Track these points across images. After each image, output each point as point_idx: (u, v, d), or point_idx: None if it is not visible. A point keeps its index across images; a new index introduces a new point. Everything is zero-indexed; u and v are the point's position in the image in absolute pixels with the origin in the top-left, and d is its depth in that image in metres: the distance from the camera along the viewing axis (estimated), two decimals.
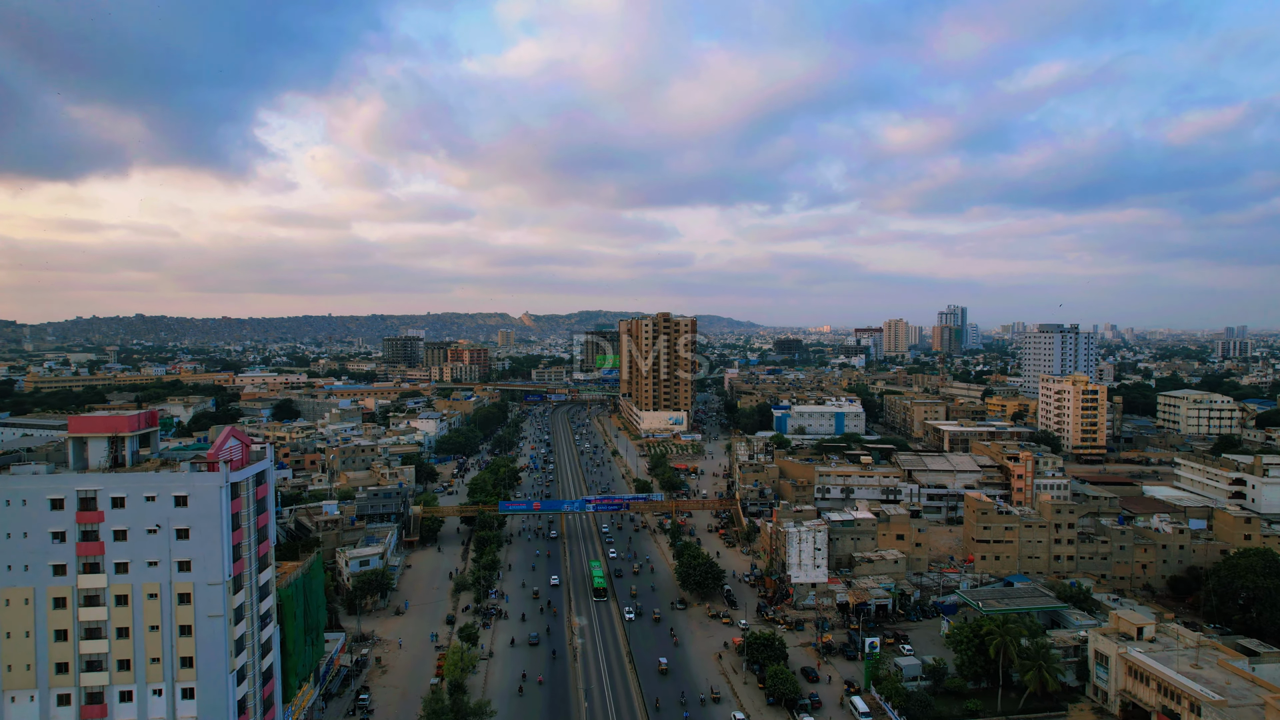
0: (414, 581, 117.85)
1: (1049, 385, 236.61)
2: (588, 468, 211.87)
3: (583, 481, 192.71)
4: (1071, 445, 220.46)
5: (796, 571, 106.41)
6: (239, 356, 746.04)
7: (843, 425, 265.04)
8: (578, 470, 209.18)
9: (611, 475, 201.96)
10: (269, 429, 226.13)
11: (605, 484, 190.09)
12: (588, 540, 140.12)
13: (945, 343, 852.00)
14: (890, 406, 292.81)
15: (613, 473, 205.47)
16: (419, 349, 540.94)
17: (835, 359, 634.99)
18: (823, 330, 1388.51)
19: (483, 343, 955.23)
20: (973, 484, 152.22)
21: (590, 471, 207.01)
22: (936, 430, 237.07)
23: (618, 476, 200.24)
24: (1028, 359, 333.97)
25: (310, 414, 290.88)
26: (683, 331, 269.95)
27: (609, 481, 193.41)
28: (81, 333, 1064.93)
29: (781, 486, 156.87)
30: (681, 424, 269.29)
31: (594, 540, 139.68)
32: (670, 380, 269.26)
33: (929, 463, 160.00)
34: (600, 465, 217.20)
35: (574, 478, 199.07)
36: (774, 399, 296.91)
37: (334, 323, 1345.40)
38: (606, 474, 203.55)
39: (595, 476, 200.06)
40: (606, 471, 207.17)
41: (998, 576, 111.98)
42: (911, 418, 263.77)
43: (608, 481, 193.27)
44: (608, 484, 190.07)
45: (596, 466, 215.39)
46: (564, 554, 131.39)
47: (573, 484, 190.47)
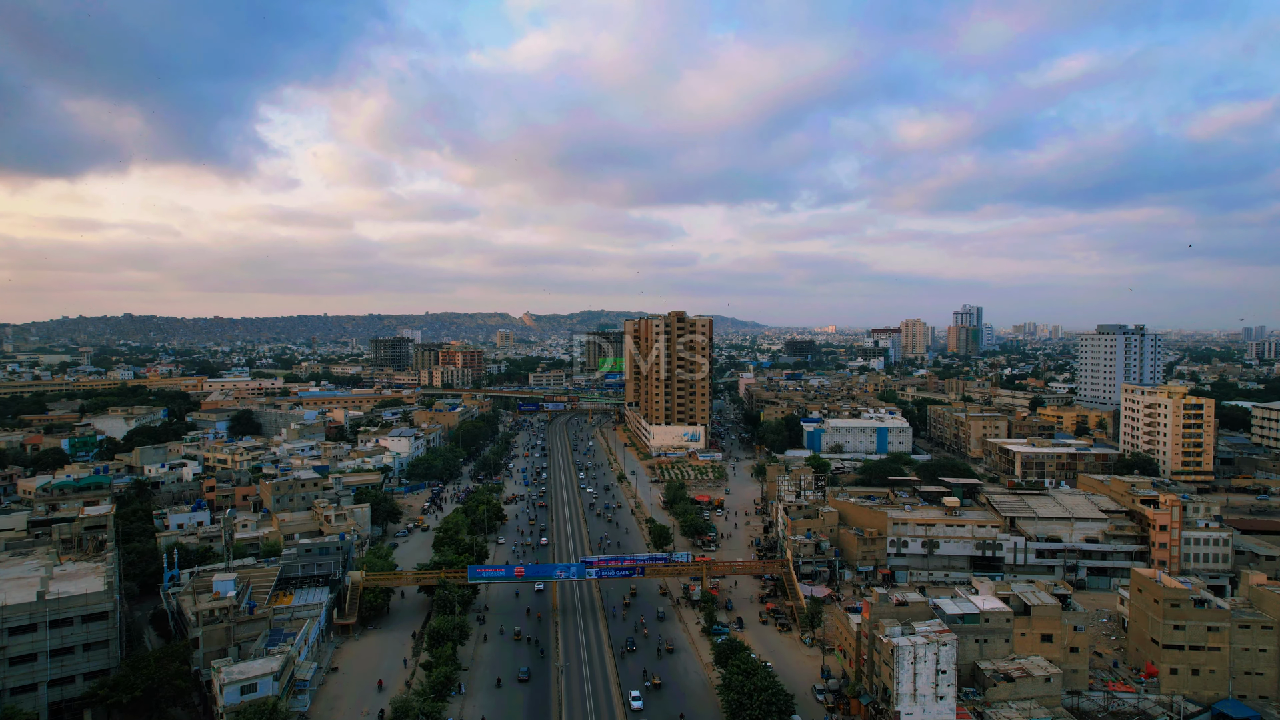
0: (336, 698, 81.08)
1: (1135, 397, 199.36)
2: (590, 502, 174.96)
3: (582, 520, 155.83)
4: (1170, 469, 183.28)
5: (909, 704, 69.53)
6: (224, 358, 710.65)
7: (885, 442, 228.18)
8: (576, 503, 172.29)
9: (618, 508, 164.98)
10: (211, 449, 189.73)
11: (611, 523, 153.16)
12: (589, 616, 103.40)
13: (962, 344, 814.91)
14: (937, 420, 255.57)
15: (619, 507, 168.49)
16: (409, 351, 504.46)
17: (853, 361, 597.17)
18: (828, 330, 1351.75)
19: (481, 343, 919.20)
20: (1096, 535, 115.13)
21: (592, 503, 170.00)
22: (1002, 451, 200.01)
23: (625, 512, 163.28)
24: (1085, 364, 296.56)
25: (272, 427, 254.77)
26: (698, 333, 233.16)
27: (615, 520, 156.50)
28: (67, 333, 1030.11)
29: (843, 538, 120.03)
30: (698, 440, 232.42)
31: (597, 618, 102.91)
32: (684, 389, 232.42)
33: (1034, 506, 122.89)
34: (605, 493, 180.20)
35: (572, 514, 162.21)
36: (802, 410, 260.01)
37: (329, 323, 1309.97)
38: (612, 506, 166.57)
39: (599, 508, 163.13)
40: (611, 501, 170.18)
41: (1199, 701, 75.10)
42: (967, 434, 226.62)
43: (614, 522, 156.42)
44: (614, 525, 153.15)
45: (601, 492, 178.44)
46: (555, 642, 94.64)
47: (570, 524, 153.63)
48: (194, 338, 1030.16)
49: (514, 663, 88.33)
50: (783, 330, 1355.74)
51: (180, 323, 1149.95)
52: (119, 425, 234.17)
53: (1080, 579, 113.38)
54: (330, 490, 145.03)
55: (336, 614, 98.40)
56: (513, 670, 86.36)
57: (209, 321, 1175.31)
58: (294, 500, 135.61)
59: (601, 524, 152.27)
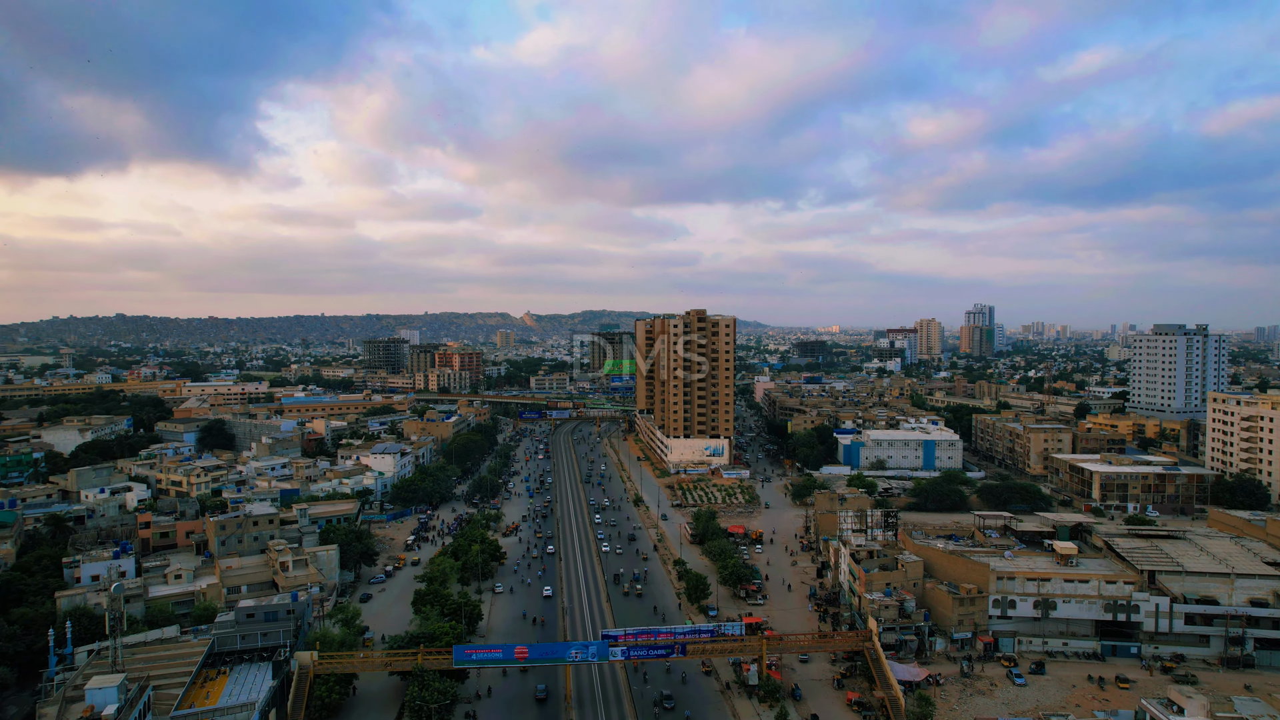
0: None
1: (1228, 407, 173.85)
2: (603, 533, 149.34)
3: (596, 561, 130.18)
4: (1279, 493, 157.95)
5: None
6: (214, 359, 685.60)
7: (933, 457, 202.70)
8: (587, 535, 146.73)
9: (636, 540, 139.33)
10: (165, 468, 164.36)
11: (631, 563, 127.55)
12: (613, 710, 78.07)
13: (976, 344, 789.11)
14: (985, 430, 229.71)
15: (638, 539, 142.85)
16: (404, 352, 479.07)
17: (869, 363, 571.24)
18: (832, 330, 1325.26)
19: (481, 344, 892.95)
20: (1265, 597, 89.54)
21: (605, 534, 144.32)
22: (1074, 470, 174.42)
23: (646, 544, 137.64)
24: (1139, 367, 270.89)
25: (245, 438, 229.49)
26: (721, 334, 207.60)
27: (636, 559, 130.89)
28: (57, 333, 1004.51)
29: (932, 596, 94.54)
30: (721, 454, 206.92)
31: (623, 710, 77.59)
32: (706, 397, 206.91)
33: (1175, 554, 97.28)
34: (620, 524, 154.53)
35: (583, 551, 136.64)
36: (833, 419, 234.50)
37: (326, 323, 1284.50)
38: (629, 537, 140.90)
39: (615, 545, 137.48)
40: (626, 527, 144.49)
41: None
42: (1026, 447, 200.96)
43: (635, 562, 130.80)
44: (634, 564, 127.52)
45: (617, 523, 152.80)
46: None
47: (582, 566, 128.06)
48: (187, 338, 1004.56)
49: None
50: (786, 330, 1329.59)
51: (174, 323, 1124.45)
52: (72, 437, 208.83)
53: (1247, 654, 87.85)
54: (292, 526, 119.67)
55: (276, 717, 73.02)
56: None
57: (203, 322, 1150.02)
58: (244, 541, 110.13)
59: (620, 563, 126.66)
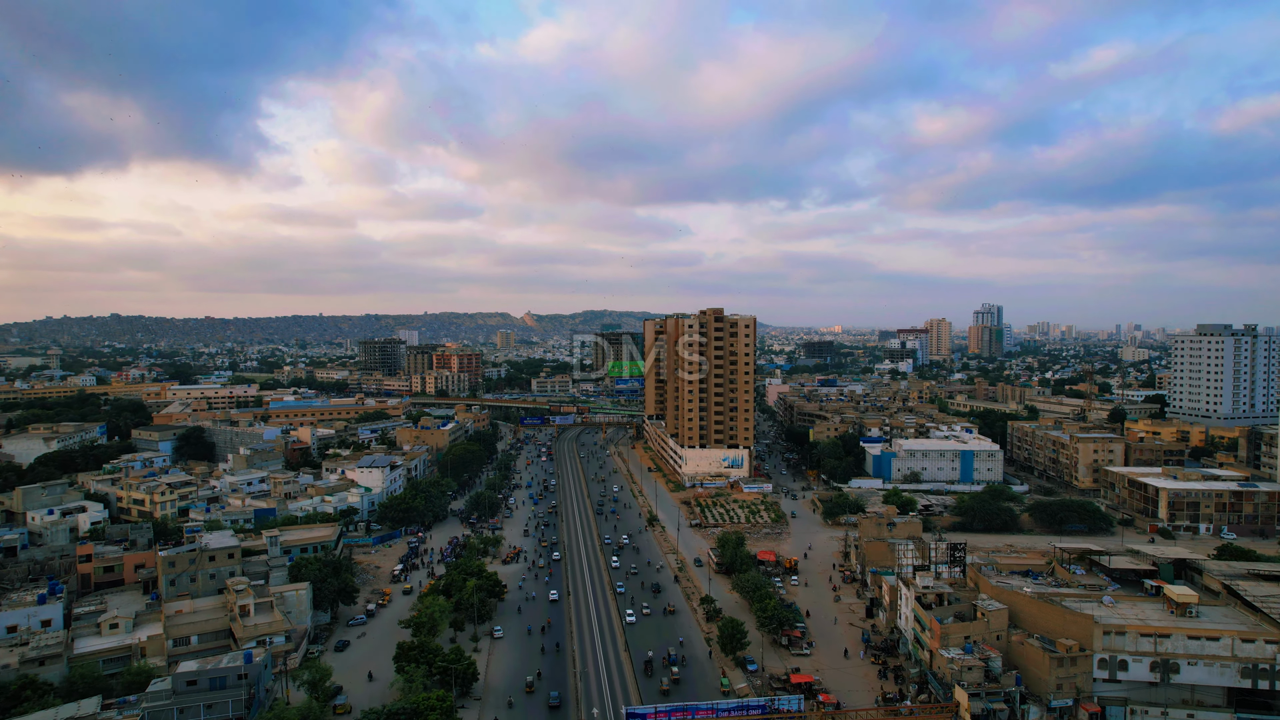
0: None
1: None
2: (615, 560, 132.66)
3: (610, 598, 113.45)
4: None
5: None
6: (208, 360, 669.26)
7: (972, 469, 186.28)
8: (598, 563, 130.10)
9: (655, 570, 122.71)
10: (129, 484, 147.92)
11: (650, 600, 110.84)
12: None
13: (986, 344, 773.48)
14: (1023, 439, 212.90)
15: (657, 568, 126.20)
16: (400, 353, 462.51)
17: (881, 364, 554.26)
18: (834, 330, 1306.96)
19: (482, 344, 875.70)
20: None
21: (617, 563, 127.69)
22: (1134, 485, 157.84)
23: (666, 576, 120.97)
24: (1180, 371, 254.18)
25: (226, 447, 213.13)
26: (741, 335, 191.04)
27: (656, 595, 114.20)
28: (51, 333, 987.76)
29: (1022, 653, 77.99)
30: (741, 466, 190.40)
31: None
32: (723, 404, 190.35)
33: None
34: (635, 551, 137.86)
35: (594, 585, 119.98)
36: (857, 426, 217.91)
37: (325, 323, 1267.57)
38: (643, 565, 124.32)
39: (632, 580, 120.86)
40: (642, 547, 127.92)
41: None
42: (1072, 458, 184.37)
43: (654, 600, 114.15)
44: (653, 600, 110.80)
45: (630, 548, 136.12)
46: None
47: (594, 605, 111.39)
48: (182, 339, 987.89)
49: None
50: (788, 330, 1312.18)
51: (169, 323, 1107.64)
52: (36, 447, 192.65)
53: None
54: (259, 558, 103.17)
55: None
56: None
57: (199, 322, 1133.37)
58: (199, 580, 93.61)
59: (637, 599, 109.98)
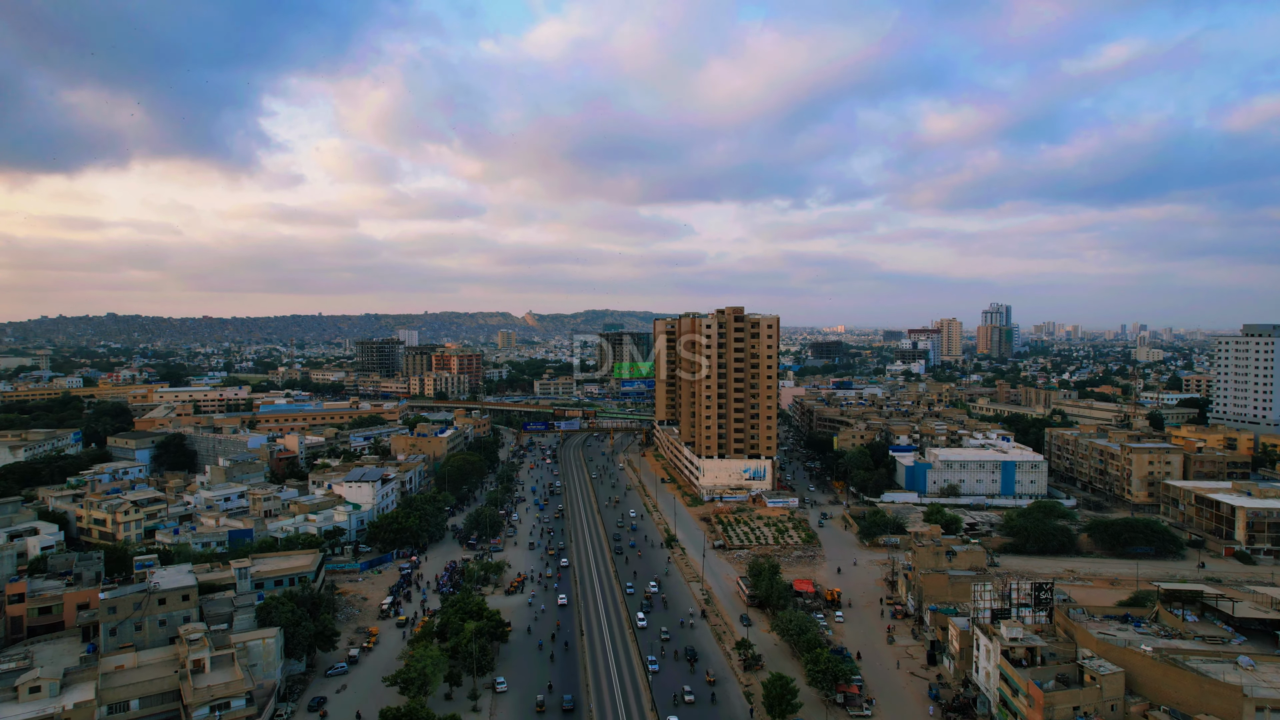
0: None
1: None
2: (631, 589, 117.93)
3: (630, 639, 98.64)
4: None
5: None
6: (203, 360, 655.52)
7: (1013, 481, 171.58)
8: (612, 593, 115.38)
9: (678, 609, 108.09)
10: (89, 502, 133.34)
11: (672, 641, 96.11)
12: None
13: (995, 344, 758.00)
14: (1064, 448, 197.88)
15: (685, 612, 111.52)
16: (398, 354, 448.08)
17: (893, 364, 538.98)
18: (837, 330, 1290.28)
19: (482, 344, 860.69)
20: None
21: (631, 591, 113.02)
22: (1204, 503, 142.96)
23: (691, 607, 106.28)
24: (1224, 373, 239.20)
25: (208, 455, 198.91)
26: (763, 336, 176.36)
27: (682, 635, 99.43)
28: (46, 333, 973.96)
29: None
30: (763, 478, 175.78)
31: None
32: (744, 411, 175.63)
33: None
34: (658, 587, 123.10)
35: (610, 623, 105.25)
36: (884, 433, 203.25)
37: (324, 322, 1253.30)
38: (663, 599, 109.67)
39: (651, 619, 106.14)
40: (663, 574, 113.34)
41: None
42: (1124, 470, 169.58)
43: (679, 642, 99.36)
44: (678, 644, 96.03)
45: (648, 573, 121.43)
46: None
47: (611, 649, 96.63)
48: (179, 339, 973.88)
49: None
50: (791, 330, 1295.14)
51: (166, 323, 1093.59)
52: (2, 456, 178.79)
53: None
54: (224, 596, 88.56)
55: None
56: None
57: (197, 321, 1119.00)
58: (145, 628, 78.99)
59: (657, 641, 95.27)
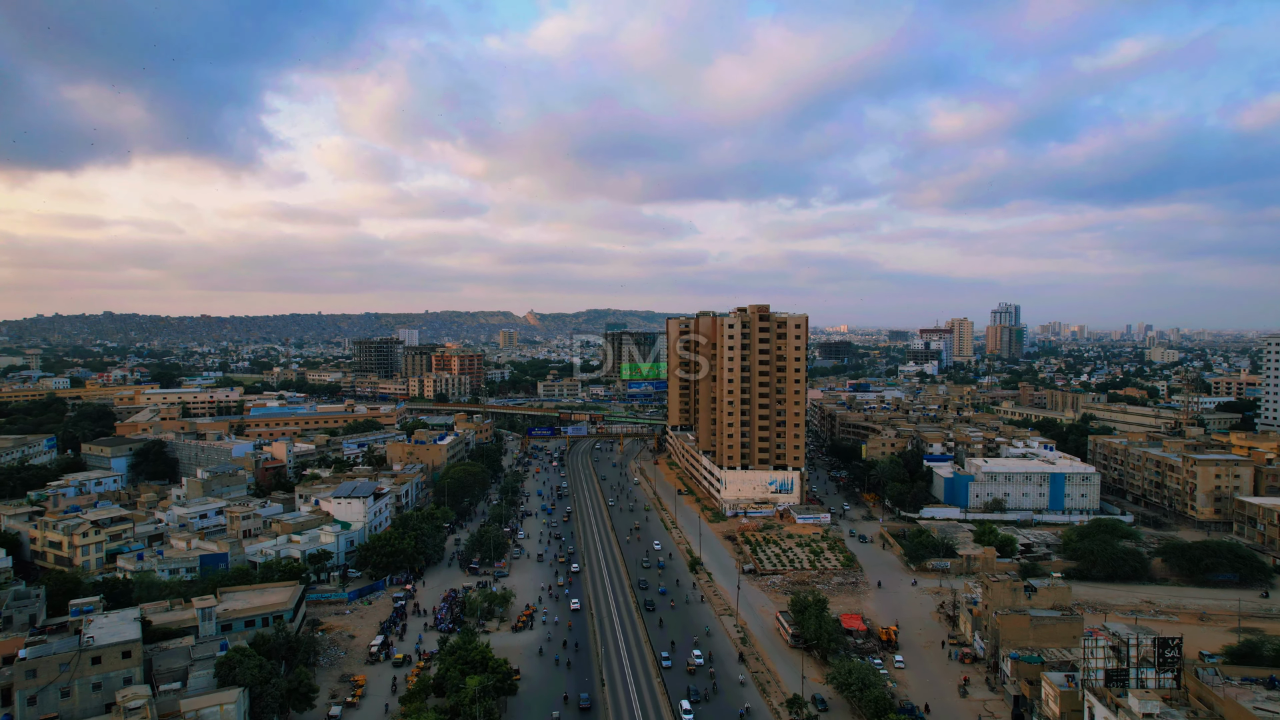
0: None
1: None
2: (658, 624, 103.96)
3: (661, 692, 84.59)
4: None
5: None
6: (199, 360, 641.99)
7: (1063, 495, 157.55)
8: (634, 628, 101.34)
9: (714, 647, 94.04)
10: (44, 523, 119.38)
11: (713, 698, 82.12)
12: None
13: (1005, 344, 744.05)
14: (1112, 457, 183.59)
15: (729, 668, 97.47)
16: (398, 354, 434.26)
17: (907, 365, 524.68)
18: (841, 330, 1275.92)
19: (484, 344, 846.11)
20: None
21: (675, 655, 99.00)
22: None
23: (728, 655, 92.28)
24: (1273, 376, 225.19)
25: (191, 464, 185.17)
26: (790, 337, 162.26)
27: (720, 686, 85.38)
28: (41, 332, 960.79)
29: None
30: (790, 490, 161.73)
31: None
32: (770, 418, 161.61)
33: None
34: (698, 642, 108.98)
35: (636, 671, 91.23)
36: (916, 441, 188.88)
37: (324, 321, 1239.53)
38: (696, 640, 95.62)
39: (687, 672, 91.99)
40: (691, 607, 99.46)
41: None
42: (1186, 484, 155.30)
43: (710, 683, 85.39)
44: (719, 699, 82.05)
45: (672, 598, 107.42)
46: None
47: (638, 708, 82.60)
48: (177, 338, 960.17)
49: None
50: None
51: (164, 321, 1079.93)
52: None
53: None
54: (179, 645, 74.54)
55: None
56: None
57: (195, 320, 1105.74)
58: (74, 694, 64.93)
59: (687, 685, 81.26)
